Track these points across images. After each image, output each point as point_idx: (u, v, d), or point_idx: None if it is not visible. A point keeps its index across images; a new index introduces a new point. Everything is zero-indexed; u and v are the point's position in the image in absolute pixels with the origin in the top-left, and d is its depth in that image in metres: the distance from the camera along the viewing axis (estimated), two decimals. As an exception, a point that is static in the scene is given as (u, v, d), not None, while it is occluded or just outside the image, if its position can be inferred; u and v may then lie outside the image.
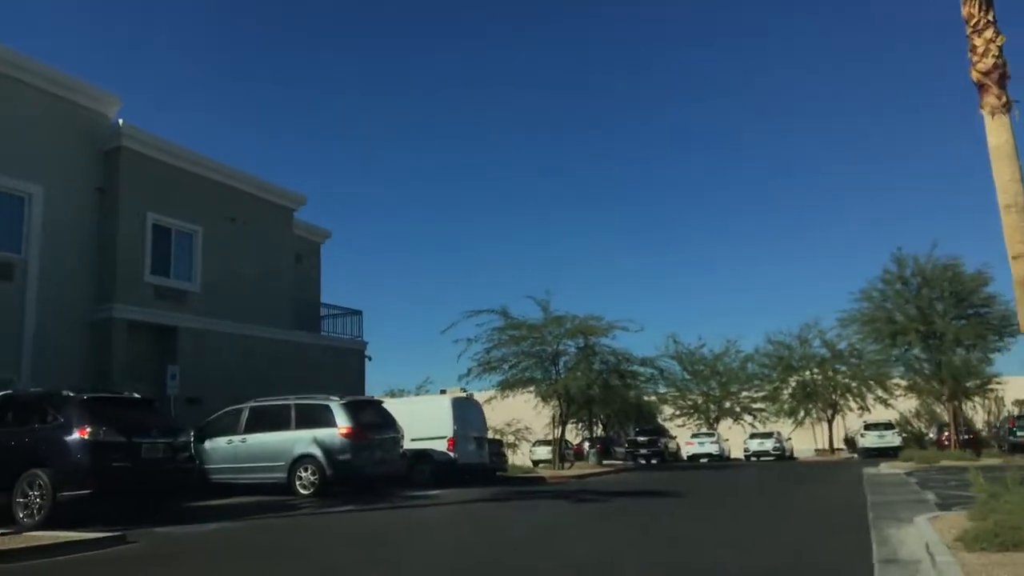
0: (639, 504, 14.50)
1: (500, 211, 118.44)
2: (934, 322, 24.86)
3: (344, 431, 15.12)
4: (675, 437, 44.57)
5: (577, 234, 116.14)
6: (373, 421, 16.07)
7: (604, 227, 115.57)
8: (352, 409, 15.61)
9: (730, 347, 45.78)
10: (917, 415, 46.34)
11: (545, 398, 27.79)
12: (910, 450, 27.08)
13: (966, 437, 36.71)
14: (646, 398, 47.77)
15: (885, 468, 22.99)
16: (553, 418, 29.11)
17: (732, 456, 44.46)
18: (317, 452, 15.03)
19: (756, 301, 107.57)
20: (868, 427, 38.15)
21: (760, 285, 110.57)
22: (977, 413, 45.31)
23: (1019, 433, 35.88)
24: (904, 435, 38.18)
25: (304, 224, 25.52)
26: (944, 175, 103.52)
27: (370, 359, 25.96)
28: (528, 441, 49.85)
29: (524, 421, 47.99)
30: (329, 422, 15.31)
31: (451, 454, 19.33)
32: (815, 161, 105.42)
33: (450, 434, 19.35)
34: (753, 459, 40.36)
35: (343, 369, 24.69)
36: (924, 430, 44.52)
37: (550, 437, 37.48)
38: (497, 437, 31.09)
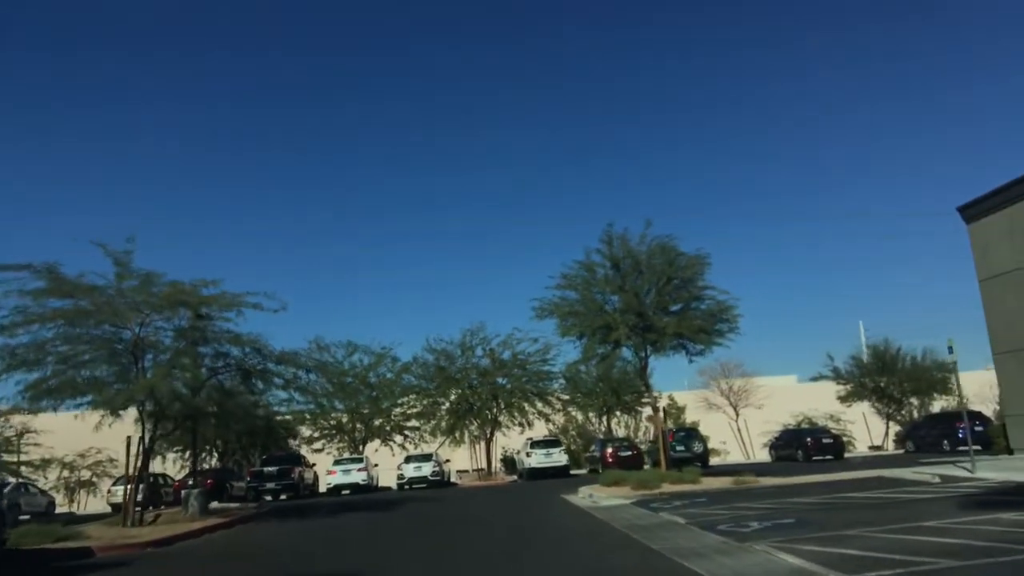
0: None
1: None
2: (647, 315, 20.67)
3: None
4: (313, 465, 35.93)
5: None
6: None
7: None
8: None
9: (385, 355, 38.91)
10: (564, 431, 44.45)
11: (116, 411, 16.98)
12: (613, 472, 22.44)
13: (628, 453, 34.69)
14: (280, 416, 38.65)
15: (603, 498, 17.63)
16: (128, 443, 18.39)
17: (382, 485, 37.37)
18: None
19: (422, 300, 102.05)
20: (535, 444, 33.97)
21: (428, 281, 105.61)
22: (625, 428, 44.81)
23: (679, 448, 34.63)
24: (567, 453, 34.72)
25: None
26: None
27: None
28: (111, 477, 36.97)
29: (111, 450, 35.27)
30: None
31: None
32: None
33: None
34: (407, 487, 33.64)
35: None
36: (580, 447, 42.52)
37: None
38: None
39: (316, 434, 39.54)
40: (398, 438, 40.13)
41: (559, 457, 33.47)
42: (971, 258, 25.12)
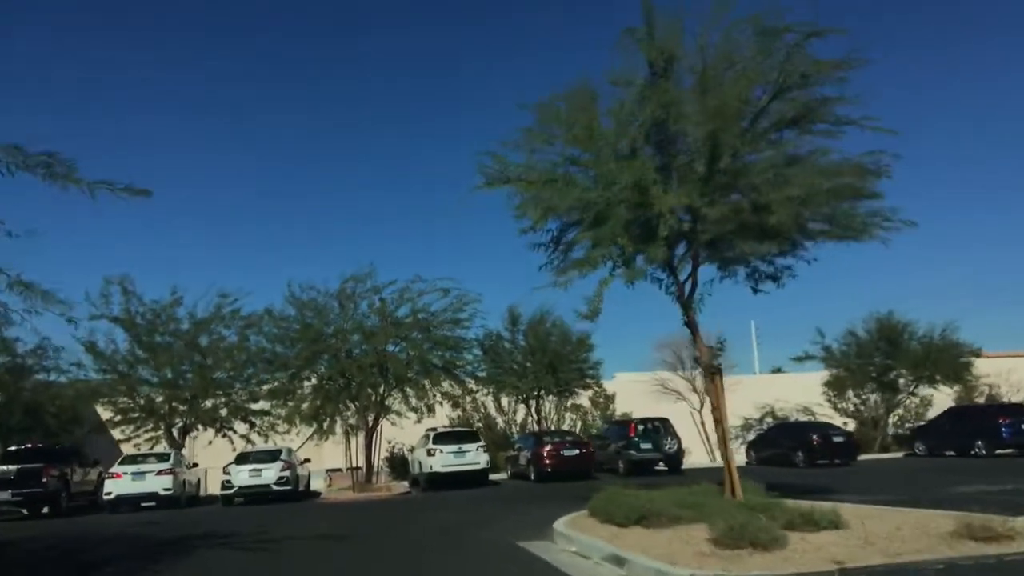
0: None
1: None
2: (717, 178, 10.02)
3: None
4: (97, 464, 23.46)
5: None
6: None
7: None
8: None
9: (223, 307, 26.80)
10: (465, 422, 33.28)
11: None
12: (621, 495, 11.42)
13: (574, 453, 24.30)
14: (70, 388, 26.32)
15: (642, 562, 6.79)
16: None
17: (204, 494, 25.26)
18: None
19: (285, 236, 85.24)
20: (440, 438, 22.92)
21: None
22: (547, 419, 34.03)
23: (643, 446, 24.51)
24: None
25: None
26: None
27: None
28: None
29: None
30: None
31: None
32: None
33: None
34: (238, 500, 21.86)
35: None
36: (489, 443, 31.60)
37: None
38: None
39: (116, 416, 26.93)
40: (241, 427, 28.12)
41: (476, 457, 22.56)
42: None
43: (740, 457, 32.78)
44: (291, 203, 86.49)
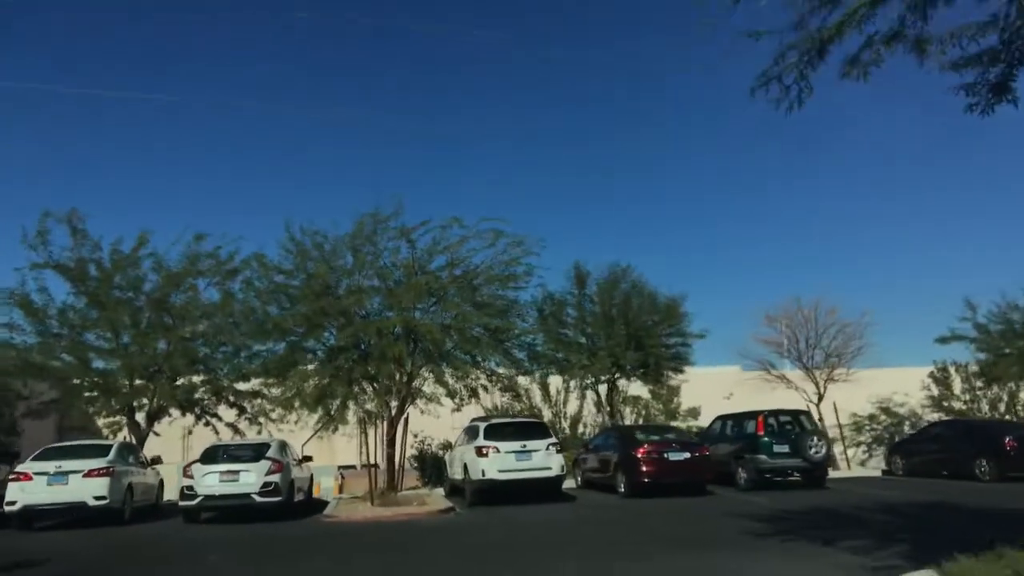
0: None
1: None
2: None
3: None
4: (16, 458, 16.89)
5: None
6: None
7: None
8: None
9: (201, 255, 20.18)
10: (504, 412, 26.03)
11: None
12: None
13: (683, 457, 17.42)
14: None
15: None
16: None
17: (166, 501, 18.64)
18: None
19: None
20: (494, 431, 16.19)
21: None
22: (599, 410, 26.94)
23: (777, 449, 17.66)
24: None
25: None
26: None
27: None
28: None
29: None
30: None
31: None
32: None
33: None
34: (206, 514, 15.22)
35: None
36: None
37: None
38: None
39: (62, 396, 20.46)
40: (227, 413, 21.63)
41: (546, 459, 15.75)
42: None
43: (874, 463, 25.90)
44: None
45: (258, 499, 14.55)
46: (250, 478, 14.61)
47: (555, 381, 25.38)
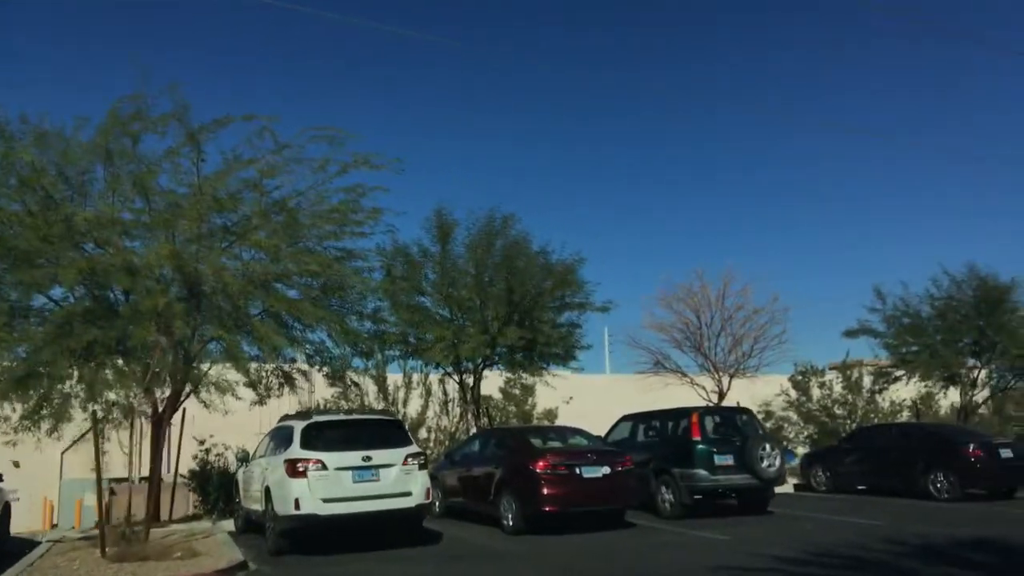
0: None
1: None
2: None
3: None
4: None
5: None
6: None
7: None
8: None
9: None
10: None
11: None
12: None
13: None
14: None
15: None
16: None
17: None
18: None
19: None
20: (314, 434, 9.90)
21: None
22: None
23: (720, 459, 12.81)
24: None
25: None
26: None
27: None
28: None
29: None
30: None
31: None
32: None
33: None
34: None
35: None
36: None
37: None
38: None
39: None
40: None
41: (403, 480, 9.73)
42: None
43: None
44: None
45: None
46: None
47: (393, 374, 19.30)
